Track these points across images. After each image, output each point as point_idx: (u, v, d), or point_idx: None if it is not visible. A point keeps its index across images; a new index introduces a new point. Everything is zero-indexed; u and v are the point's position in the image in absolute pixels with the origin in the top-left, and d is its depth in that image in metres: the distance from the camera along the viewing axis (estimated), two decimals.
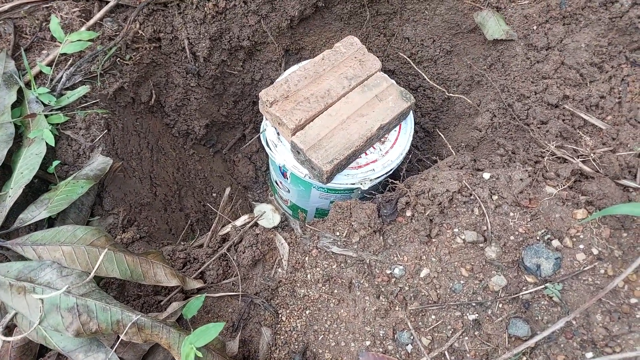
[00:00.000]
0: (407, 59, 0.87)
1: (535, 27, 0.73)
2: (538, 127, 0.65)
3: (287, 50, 0.91)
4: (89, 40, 0.66)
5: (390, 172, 0.77)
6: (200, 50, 0.82)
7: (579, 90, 0.66)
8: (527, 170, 0.57)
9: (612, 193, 0.54)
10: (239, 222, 0.65)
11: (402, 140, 0.77)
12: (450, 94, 0.82)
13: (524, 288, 0.52)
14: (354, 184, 0.75)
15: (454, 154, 0.68)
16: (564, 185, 0.56)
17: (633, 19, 0.63)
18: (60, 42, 0.65)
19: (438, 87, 0.83)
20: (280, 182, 0.87)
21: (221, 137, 0.97)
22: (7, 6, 0.70)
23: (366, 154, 0.76)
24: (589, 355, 0.49)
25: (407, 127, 0.79)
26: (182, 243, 0.65)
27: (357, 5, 0.85)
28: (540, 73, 0.70)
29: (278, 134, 0.76)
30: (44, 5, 0.73)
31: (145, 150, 0.76)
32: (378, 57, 0.92)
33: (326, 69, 0.75)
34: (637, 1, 0.64)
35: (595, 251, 0.53)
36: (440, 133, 0.79)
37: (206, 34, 0.80)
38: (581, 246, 0.53)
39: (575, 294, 0.51)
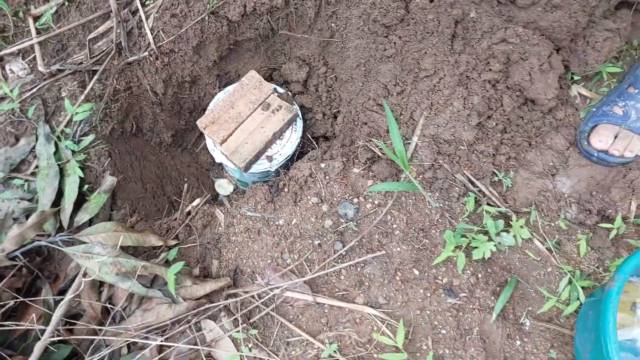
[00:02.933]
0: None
1: None
2: (361, 127, 1.08)
3: (219, 75, 1.32)
4: (89, 110, 1.09)
5: (289, 157, 1.21)
6: (158, 89, 1.23)
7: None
8: (342, 161, 1.01)
9: (385, 170, 0.98)
10: (195, 203, 1.12)
11: (292, 137, 1.20)
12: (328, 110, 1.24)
13: (340, 226, 0.99)
14: (266, 168, 1.20)
15: (317, 148, 1.12)
16: (363, 167, 1.01)
17: None
18: (72, 113, 1.09)
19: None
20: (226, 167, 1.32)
21: (185, 138, 1.41)
22: (35, 89, 1.13)
23: (272, 148, 1.20)
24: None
25: (298, 128, 1.21)
26: (166, 218, 1.13)
27: (257, 42, 1.24)
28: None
29: (214, 142, 1.20)
30: (56, 83, 1.15)
31: (135, 162, 1.21)
32: (278, 69, 1.32)
33: (237, 97, 1.17)
34: None
35: (376, 202, 0.98)
36: (312, 139, 1.23)
37: (159, 79, 1.22)
38: (370, 200, 0.99)
39: (365, 226, 0.98)
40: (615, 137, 1.01)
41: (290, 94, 1.24)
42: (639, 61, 1.06)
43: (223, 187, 1.40)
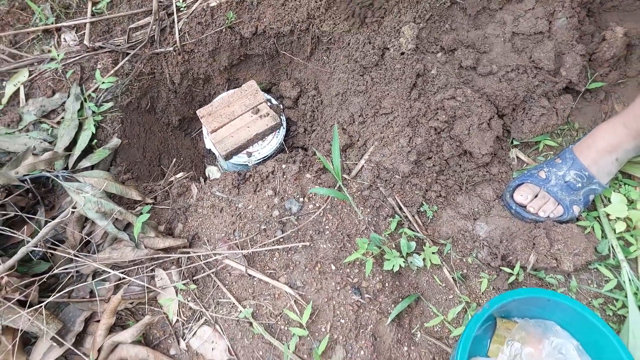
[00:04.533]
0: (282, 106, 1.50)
1: None
2: (324, 144, 1.28)
3: (229, 79, 1.56)
4: (114, 82, 1.35)
5: (266, 157, 1.42)
6: (175, 79, 1.48)
7: None
8: (299, 166, 1.21)
9: (330, 180, 1.17)
10: (178, 175, 1.34)
11: (273, 142, 1.42)
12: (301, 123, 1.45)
13: (284, 217, 1.18)
14: (245, 162, 1.41)
15: (287, 152, 1.33)
16: (314, 174, 1.20)
17: None
18: (99, 82, 1.35)
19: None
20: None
21: (191, 125, 1.65)
22: (78, 57, 1.40)
23: (253, 146, 1.42)
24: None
25: (280, 135, 1.43)
26: (152, 182, 1.35)
27: (264, 59, 1.48)
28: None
29: (207, 131, 1.43)
30: (95, 56, 1.42)
31: (142, 133, 1.46)
32: (277, 84, 1.55)
33: (234, 99, 1.40)
34: None
35: (317, 204, 1.17)
36: (293, 148, 1.43)
37: (178, 71, 1.47)
38: (313, 202, 1.18)
39: (303, 220, 1.17)
40: (535, 196, 1.17)
41: (281, 106, 1.46)
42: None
43: (212, 172, 1.62)
